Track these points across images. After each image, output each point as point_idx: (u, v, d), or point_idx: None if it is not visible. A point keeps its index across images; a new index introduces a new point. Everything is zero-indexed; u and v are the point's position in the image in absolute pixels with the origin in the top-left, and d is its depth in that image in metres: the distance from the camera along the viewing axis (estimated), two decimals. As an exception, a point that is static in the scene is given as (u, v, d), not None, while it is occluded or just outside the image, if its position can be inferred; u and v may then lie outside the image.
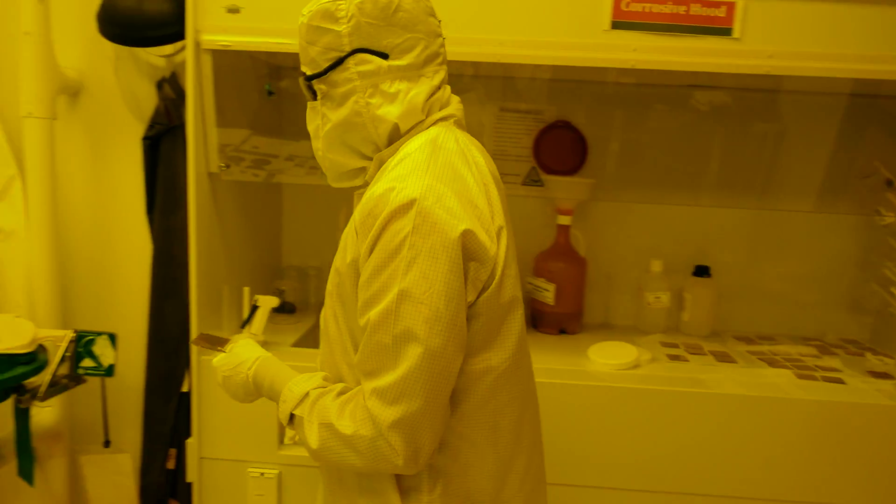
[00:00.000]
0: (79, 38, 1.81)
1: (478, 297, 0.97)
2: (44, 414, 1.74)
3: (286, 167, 2.09)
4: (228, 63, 1.68)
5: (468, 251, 0.94)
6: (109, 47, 1.78)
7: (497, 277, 0.98)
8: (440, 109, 1.07)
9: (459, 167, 0.99)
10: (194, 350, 1.66)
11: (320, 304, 2.07)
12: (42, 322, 1.70)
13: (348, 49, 1.02)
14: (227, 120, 1.71)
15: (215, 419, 1.68)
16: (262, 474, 1.65)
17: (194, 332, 1.66)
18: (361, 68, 1.02)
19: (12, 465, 1.59)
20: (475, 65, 1.82)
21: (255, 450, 1.65)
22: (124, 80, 1.81)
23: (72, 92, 1.82)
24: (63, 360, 1.53)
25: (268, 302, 1.75)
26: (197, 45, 1.60)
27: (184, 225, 1.78)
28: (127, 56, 1.80)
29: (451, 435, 1.01)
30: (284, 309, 1.79)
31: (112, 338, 1.57)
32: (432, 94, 1.06)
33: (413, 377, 0.92)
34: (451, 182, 0.96)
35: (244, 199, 1.91)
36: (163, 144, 1.78)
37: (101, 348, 1.56)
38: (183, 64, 1.79)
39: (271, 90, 2.04)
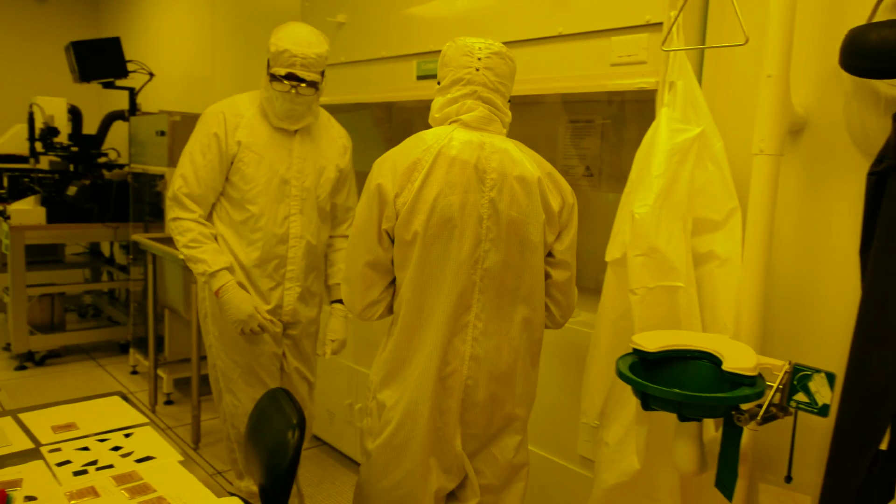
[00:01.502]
0: (810, 76, 1.85)
1: (393, 226, 1.71)
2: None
3: None
4: None
5: (381, 196, 1.70)
6: (846, 81, 1.75)
7: (401, 215, 1.69)
8: (457, 115, 1.76)
9: (413, 148, 1.72)
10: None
11: None
12: (744, 347, 1.77)
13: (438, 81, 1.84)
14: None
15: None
16: None
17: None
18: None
19: (709, 474, 1.71)
20: None
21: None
22: (855, 115, 1.76)
23: (796, 129, 1.86)
24: (778, 389, 1.56)
25: None
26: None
27: (904, 267, 1.63)
28: (864, 89, 1.74)
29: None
30: None
31: (830, 377, 1.53)
32: (448, 105, 1.77)
33: (347, 254, 1.84)
34: (396, 155, 1.74)
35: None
36: (889, 181, 1.65)
37: (818, 385, 1.54)
38: (926, 92, 1.65)
39: None
